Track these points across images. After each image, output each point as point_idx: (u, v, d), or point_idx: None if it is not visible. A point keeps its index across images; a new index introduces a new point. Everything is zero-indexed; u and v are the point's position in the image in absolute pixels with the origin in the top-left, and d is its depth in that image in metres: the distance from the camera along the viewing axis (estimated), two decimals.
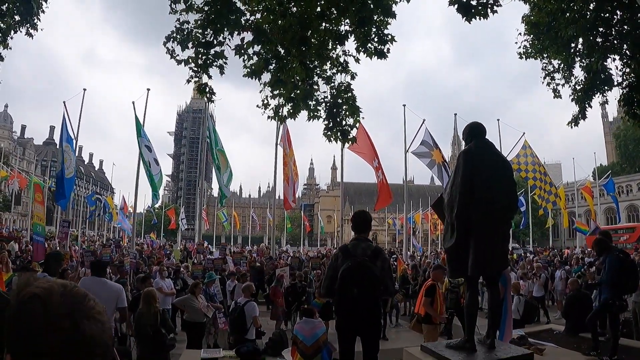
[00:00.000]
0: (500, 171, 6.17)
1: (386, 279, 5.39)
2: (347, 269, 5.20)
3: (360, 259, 5.28)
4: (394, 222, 69.37)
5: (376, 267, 5.27)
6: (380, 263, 5.35)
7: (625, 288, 7.57)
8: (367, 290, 5.16)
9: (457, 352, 6.04)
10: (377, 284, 5.23)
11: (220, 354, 8.25)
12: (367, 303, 5.20)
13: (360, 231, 5.70)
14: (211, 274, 13.47)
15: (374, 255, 5.38)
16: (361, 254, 5.35)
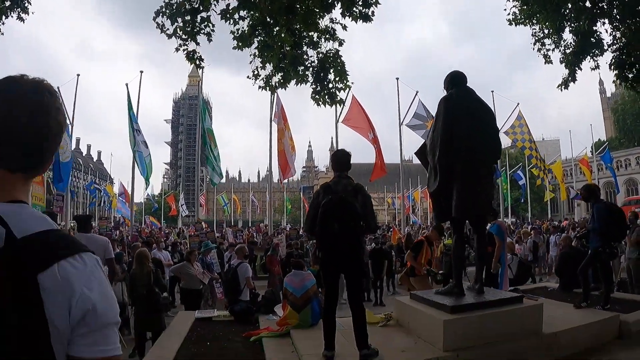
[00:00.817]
0: (482, 117, 6.22)
1: (367, 215, 5.40)
2: (328, 203, 5.25)
3: (341, 195, 5.33)
4: (393, 201, 69.50)
5: (357, 202, 5.30)
6: (361, 198, 5.38)
7: (614, 235, 7.61)
8: (347, 225, 5.20)
9: (446, 297, 6.15)
10: (358, 219, 5.26)
11: (214, 314, 8.38)
12: (348, 238, 5.23)
13: (341, 169, 5.71)
14: (207, 243, 13.54)
15: (355, 191, 5.42)
16: (342, 190, 5.39)
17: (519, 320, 5.98)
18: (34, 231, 1.10)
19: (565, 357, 6.01)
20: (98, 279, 1.15)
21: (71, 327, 1.09)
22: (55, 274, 1.06)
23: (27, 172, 1.22)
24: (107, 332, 1.15)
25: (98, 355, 1.12)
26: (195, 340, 6.62)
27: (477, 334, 5.62)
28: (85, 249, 1.16)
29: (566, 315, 7.05)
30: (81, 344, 1.10)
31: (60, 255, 1.09)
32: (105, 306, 1.14)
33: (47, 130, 1.21)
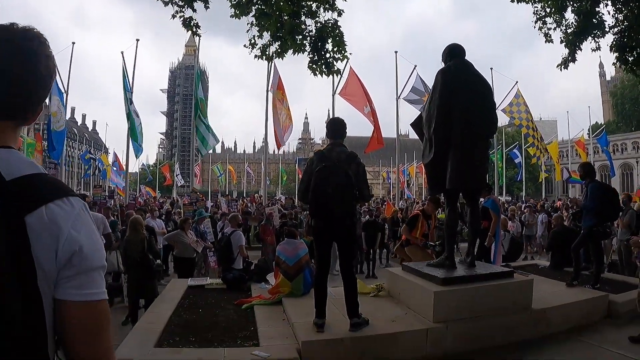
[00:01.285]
0: (479, 90, 6.18)
1: (360, 183, 5.40)
2: (321, 170, 5.24)
3: (334, 162, 5.32)
4: (388, 175, 69.62)
5: (350, 170, 5.29)
6: (354, 167, 5.36)
7: (608, 215, 7.64)
8: (340, 192, 5.19)
9: (437, 269, 6.19)
10: (351, 186, 5.26)
11: (207, 281, 8.43)
12: (340, 205, 5.22)
13: (335, 137, 5.69)
14: (201, 212, 13.56)
15: (349, 159, 5.39)
16: (336, 157, 5.38)
17: (509, 295, 6.03)
18: (23, 174, 1.09)
19: (553, 333, 6.07)
20: (85, 222, 1.15)
21: (58, 269, 1.09)
22: (42, 215, 1.06)
23: (15, 119, 1.20)
24: (93, 275, 1.15)
25: (85, 298, 1.13)
26: (187, 307, 6.68)
27: (467, 306, 5.68)
28: (73, 193, 1.16)
29: (556, 293, 7.12)
30: (67, 286, 1.11)
31: (48, 197, 1.09)
32: (92, 248, 1.14)
33: (37, 76, 1.19)
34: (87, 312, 1.13)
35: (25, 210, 1.05)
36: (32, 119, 1.26)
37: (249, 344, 5.16)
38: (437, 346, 5.37)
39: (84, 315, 1.13)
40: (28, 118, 1.24)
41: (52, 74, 1.25)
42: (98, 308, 1.16)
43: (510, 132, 58.05)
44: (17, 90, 1.17)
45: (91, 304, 1.14)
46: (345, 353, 5.04)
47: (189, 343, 5.15)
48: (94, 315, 1.15)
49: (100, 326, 1.16)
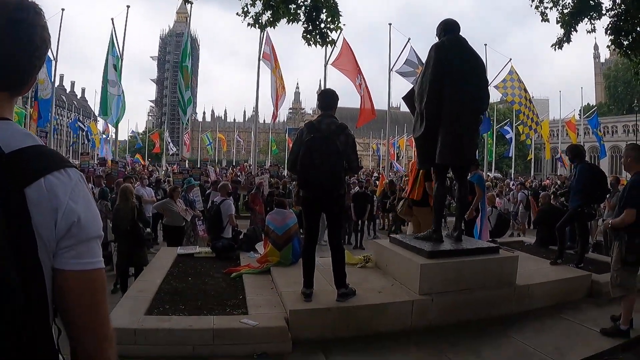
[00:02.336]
0: (472, 66, 6.17)
1: (349, 155, 5.42)
2: (310, 141, 5.25)
3: (324, 133, 5.34)
4: (378, 147, 69.64)
5: (339, 141, 5.30)
6: (344, 138, 5.37)
7: (595, 197, 7.70)
8: (329, 162, 5.21)
9: (424, 242, 6.26)
10: (340, 157, 5.27)
11: (196, 250, 8.49)
12: (329, 176, 5.25)
13: (326, 108, 5.68)
14: (190, 180, 13.59)
15: (338, 130, 5.40)
16: (325, 129, 5.38)
17: (494, 270, 6.13)
18: (21, 146, 1.11)
19: (536, 309, 6.18)
20: (83, 193, 1.18)
21: (57, 239, 1.12)
22: (41, 187, 1.09)
23: (10, 89, 1.21)
24: (91, 245, 1.19)
25: (83, 267, 1.16)
26: (177, 276, 6.75)
27: (453, 280, 5.77)
28: (69, 164, 1.18)
29: (540, 270, 7.24)
30: (66, 256, 1.14)
31: (46, 169, 1.11)
32: (89, 219, 1.17)
33: (32, 46, 1.19)
34: (85, 281, 1.17)
35: (24, 183, 1.07)
36: (26, 90, 1.28)
37: (238, 312, 5.25)
38: (422, 318, 5.48)
39: (82, 283, 1.17)
40: (23, 89, 1.25)
41: (47, 44, 1.25)
42: (95, 276, 1.20)
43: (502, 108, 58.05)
44: (13, 61, 1.17)
45: (89, 272, 1.18)
46: (332, 322, 5.15)
47: (178, 311, 5.23)
48: (92, 283, 1.19)
49: (98, 294, 1.21)
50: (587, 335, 5.44)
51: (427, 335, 5.27)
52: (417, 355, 4.78)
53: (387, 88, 24.15)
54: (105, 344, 1.22)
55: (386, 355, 4.75)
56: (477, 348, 4.98)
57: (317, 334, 5.06)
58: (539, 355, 4.85)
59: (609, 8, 10.06)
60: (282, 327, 4.83)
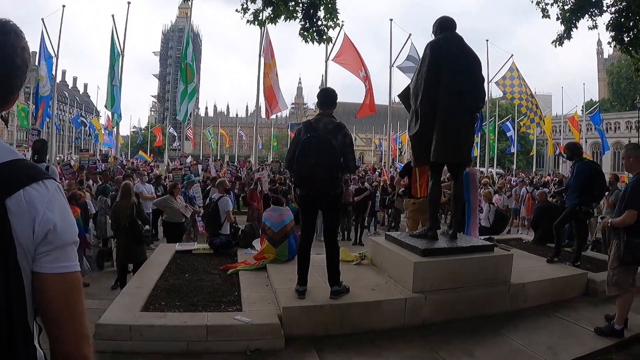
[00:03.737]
0: (468, 64, 6.18)
1: (346, 154, 5.42)
2: (306, 140, 5.27)
3: (319, 132, 5.35)
4: (380, 142, 69.52)
5: (336, 140, 5.30)
6: (341, 138, 5.36)
7: (593, 195, 7.68)
8: (324, 162, 5.22)
9: (419, 239, 6.29)
10: (336, 156, 5.28)
11: (194, 246, 8.53)
12: (324, 174, 5.27)
13: (325, 106, 5.71)
14: (190, 176, 13.59)
15: (335, 129, 5.40)
16: (322, 127, 5.39)
17: (488, 268, 6.14)
18: (3, 160, 1.22)
19: (530, 307, 6.22)
20: (59, 203, 1.28)
21: (35, 245, 1.23)
22: (21, 198, 1.20)
23: None
24: (66, 250, 1.30)
25: (59, 271, 1.27)
26: (174, 272, 6.79)
27: (447, 278, 5.80)
28: (47, 176, 1.28)
29: (536, 268, 7.25)
30: (44, 260, 1.25)
31: (25, 181, 1.22)
32: (64, 226, 1.28)
33: (14, 67, 1.29)
34: (62, 283, 1.27)
35: (5, 194, 1.18)
36: (7, 108, 1.38)
37: (232, 308, 5.28)
38: (415, 316, 5.51)
39: (59, 285, 1.27)
40: (4, 107, 1.34)
41: (28, 64, 1.34)
42: (71, 278, 1.30)
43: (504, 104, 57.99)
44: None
45: (65, 275, 1.28)
46: (325, 319, 5.18)
47: (174, 307, 5.27)
48: (68, 285, 1.29)
49: (73, 294, 1.30)
50: (581, 335, 5.45)
51: (420, 333, 5.31)
52: (410, 353, 4.80)
53: (389, 84, 24.10)
54: (82, 341, 1.31)
55: (379, 352, 4.78)
56: (470, 347, 5.00)
57: (310, 331, 5.09)
58: (531, 354, 4.87)
59: (609, 4, 10.03)
60: (275, 324, 4.86)
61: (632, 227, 5.17)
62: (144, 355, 4.48)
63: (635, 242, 5.18)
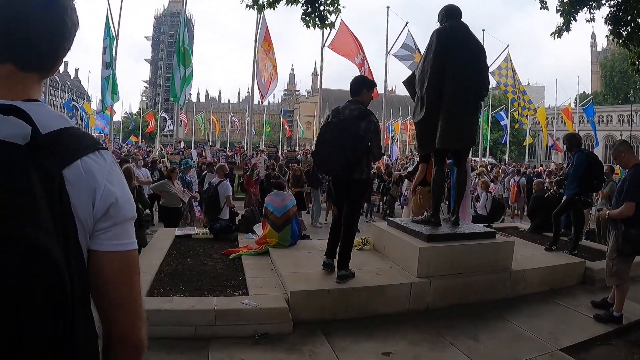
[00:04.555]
0: (473, 52, 6.20)
1: (370, 140, 5.44)
2: (326, 125, 5.37)
3: (341, 117, 5.40)
4: None
5: (359, 127, 5.33)
6: (364, 124, 5.37)
7: (592, 185, 7.74)
8: (342, 147, 5.27)
9: (422, 225, 6.32)
10: (357, 142, 5.31)
11: (194, 231, 8.51)
12: (340, 159, 5.32)
13: (352, 94, 5.74)
14: (187, 161, 13.51)
15: (360, 116, 5.42)
16: (348, 114, 5.43)
17: (490, 254, 6.21)
18: (55, 128, 1.10)
19: (530, 294, 6.29)
20: (117, 174, 1.18)
21: (94, 221, 1.12)
22: (79, 168, 1.08)
23: (40, 71, 1.19)
24: (126, 226, 1.20)
25: (120, 249, 1.17)
26: (176, 257, 6.78)
27: (450, 263, 5.86)
28: (103, 147, 1.17)
29: (535, 256, 7.32)
30: (103, 237, 1.14)
31: (82, 150, 1.11)
32: (125, 200, 1.18)
33: (63, 28, 1.18)
34: (121, 261, 1.18)
35: (62, 164, 1.06)
36: (53, 72, 1.26)
37: (238, 293, 5.29)
38: (419, 300, 5.56)
39: (119, 264, 1.17)
40: (51, 71, 1.23)
41: (77, 26, 1.23)
42: (131, 257, 1.21)
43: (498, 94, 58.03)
44: (45, 43, 1.16)
45: (125, 253, 1.18)
46: (331, 304, 5.20)
47: (179, 292, 5.25)
48: (128, 263, 1.20)
49: (133, 274, 1.22)
50: (581, 321, 5.52)
51: (425, 318, 5.36)
52: (416, 337, 4.83)
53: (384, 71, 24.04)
54: (139, 322, 1.23)
55: (386, 337, 4.81)
56: (474, 331, 5.05)
57: (317, 316, 5.11)
58: (534, 339, 4.93)
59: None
60: (283, 308, 4.87)
61: (630, 218, 5.23)
62: (151, 340, 4.43)
63: (633, 233, 5.24)
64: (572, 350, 4.72)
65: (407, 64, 21.95)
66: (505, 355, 4.55)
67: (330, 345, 4.56)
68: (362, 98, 5.72)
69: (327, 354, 4.38)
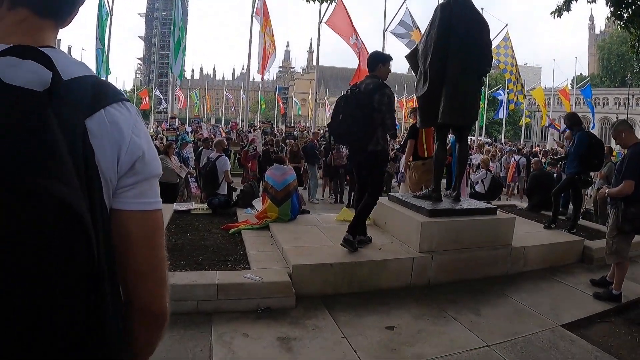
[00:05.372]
0: (477, 27, 6.15)
1: (384, 112, 5.47)
2: (340, 98, 5.38)
3: (353, 90, 5.43)
4: None
5: (373, 99, 5.39)
6: (378, 97, 5.41)
7: (592, 164, 7.74)
8: (350, 118, 5.33)
9: (424, 200, 6.31)
10: (369, 113, 5.38)
11: (192, 206, 8.47)
12: (352, 130, 5.40)
13: (370, 70, 5.77)
14: (184, 137, 13.45)
15: (375, 89, 5.45)
16: (363, 88, 5.47)
17: (492, 230, 6.22)
18: (75, 75, 1.00)
19: (530, 271, 6.34)
20: (143, 128, 1.08)
21: (118, 176, 1.03)
22: (103, 118, 0.99)
23: (56, 18, 1.09)
24: (153, 184, 1.11)
25: (146, 208, 1.08)
26: (175, 232, 6.71)
27: (452, 238, 5.86)
28: (126, 98, 1.08)
29: (534, 234, 7.34)
30: (128, 195, 1.05)
31: (105, 100, 1.01)
32: (152, 155, 1.08)
33: None
34: (148, 222, 1.09)
35: (85, 114, 0.96)
36: (68, 22, 1.15)
37: (240, 267, 5.27)
38: (421, 275, 5.57)
39: (143, 225, 1.08)
40: (67, 19, 1.13)
41: None
42: (157, 217, 1.12)
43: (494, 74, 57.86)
44: None
45: (152, 213, 1.10)
46: (334, 278, 5.19)
47: (180, 267, 5.22)
48: (153, 225, 1.11)
49: (158, 236, 1.13)
50: (581, 298, 5.55)
51: (427, 293, 5.37)
52: (419, 312, 4.84)
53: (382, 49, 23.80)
54: (163, 290, 1.15)
55: (388, 311, 4.81)
56: (476, 306, 5.06)
57: (319, 290, 5.11)
58: (536, 314, 4.95)
59: None
60: (286, 282, 4.85)
61: (629, 196, 5.23)
62: None
63: (632, 212, 5.25)
64: (573, 326, 4.74)
65: (404, 42, 21.74)
66: (507, 330, 4.55)
67: (334, 319, 4.55)
68: (378, 73, 5.73)
69: (331, 328, 4.37)
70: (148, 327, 1.17)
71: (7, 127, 0.86)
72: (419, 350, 4.05)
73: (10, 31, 1.00)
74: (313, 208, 12.32)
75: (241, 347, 3.92)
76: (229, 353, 3.82)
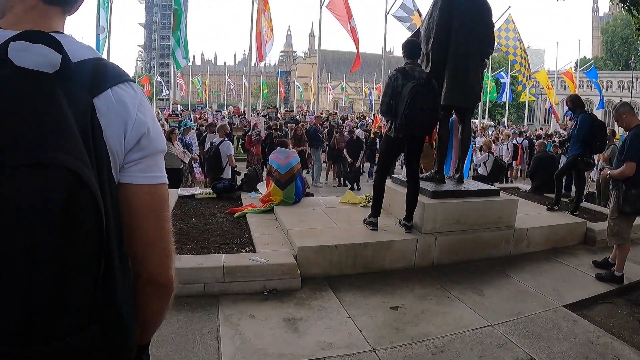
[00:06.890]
0: (479, 9, 6.15)
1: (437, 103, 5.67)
2: (415, 87, 5.27)
3: (423, 81, 5.40)
4: (370, 91, 69.42)
5: (435, 87, 5.53)
6: (434, 84, 5.55)
7: (595, 146, 7.75)
8: (432, 106, 5.39)
9: (427, 182, 6.35)
10: (438, 103, 5.59)
11: (197, 191, 8.50)
12: (433, 117, 5.53)
13: (413, 57, 5.72)
14: (187, 122, 13.43)
15: (429, 79, 5.52)
16: (419, 76, 5.44)
17: (495, 212, 6.25)
18: (84, 57, 1.06)
19: (533, 252, 6.40)
20: (148, 106, 1.15)
21: (125, 152, 1.09)
22: (110, 97, 1.05)
23: (64, 5, 1.15)
24: (158, 159, 1.18)
25: (152, 182, 1.15)
26: (180, 217, 6.76)
27: (455, 220, 5.92)
28: (132, 79, 1.14)
29: (537, 215, 7.38)
30: (134, 169, 1.12)
31: (112, 80, 1.08)
32: (157, 131, 1.16)
33: None
34: (153, 195, 1.16)
35: (93, 93, 1.03)
36: (75, 9, 1.21)
37: (246, 250, 5.31)
38: (425, 256, 5.63)
39: (150, 198, 1.15)
40: (73, 6, 1.19)
41: None
42: (162, 191, 1.18)
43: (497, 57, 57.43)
44: None
45: (157, 187, 1.17)
46: (338, 259, 5.24)
47: (186, 250, 5.26)
48: (158, 198, 1.17)
49: (164, 209, 1.18)
50: (583, 279, 5.59)
51: (431, 273, 5.43)
52: (423, 292, 4.89)
53: (384, 32, 23.66)
54: (169, 261, 1.21)
55: (393, 291, 4.87)
56: (479, 286, 5.11)
57: (324, 271, 5.16)
58: (538, 295, 5.00)
59: None
60: (291, 263, 4.90)
61: (631, 178, 5.24)
62: None
63: (633, 193, 5.26)
64: (575, 306, 4.78)
65: (406, 25, 21.60)
66: (510, 310, 4.60)
67: (339, 299, 4.61)
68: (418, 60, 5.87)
69: (336, 309, 4.42)
70: (155, 298, 1.23)
71: (21, 106, 0.92)
72: (424, 329, 4.10)
73: (21, 19, 1.07)
74: (317, 191, 12.34)
75: (248, 328, 3.97)
76: (236, 334, 3.86)
